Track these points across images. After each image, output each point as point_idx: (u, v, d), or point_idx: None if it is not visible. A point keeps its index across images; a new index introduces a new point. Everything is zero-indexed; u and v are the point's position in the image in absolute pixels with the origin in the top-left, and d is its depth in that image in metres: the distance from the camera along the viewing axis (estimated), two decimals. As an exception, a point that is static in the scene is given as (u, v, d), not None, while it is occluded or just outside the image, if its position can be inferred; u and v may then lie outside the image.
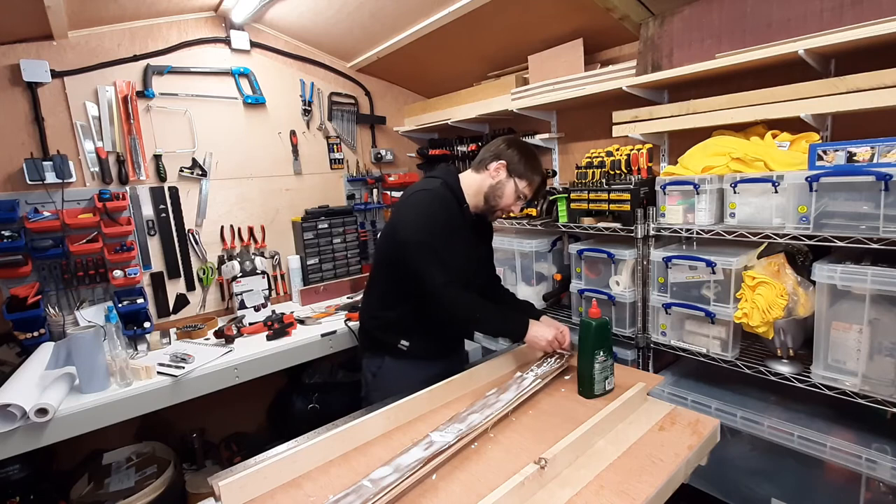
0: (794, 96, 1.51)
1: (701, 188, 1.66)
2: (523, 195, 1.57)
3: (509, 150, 1.55)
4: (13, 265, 2.00)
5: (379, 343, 1.64)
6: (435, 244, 1.44)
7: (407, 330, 1.60)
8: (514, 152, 1.55)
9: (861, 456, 1.37)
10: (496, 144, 1.58)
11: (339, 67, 3.04)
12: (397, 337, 1.60)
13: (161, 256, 2.50)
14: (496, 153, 1.56)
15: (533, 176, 1.56)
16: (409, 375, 1.54)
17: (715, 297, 1.68)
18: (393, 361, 1.61)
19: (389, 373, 1.61)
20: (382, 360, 1.62)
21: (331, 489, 1.00)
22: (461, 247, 1.54)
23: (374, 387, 1.63)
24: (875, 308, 1.34)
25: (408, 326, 1.60)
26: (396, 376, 1.58)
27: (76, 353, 1.71)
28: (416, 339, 1.60)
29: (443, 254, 1.45)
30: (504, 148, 1.56)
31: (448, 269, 1.45)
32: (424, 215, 1.47)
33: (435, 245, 1.44)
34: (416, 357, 1.60)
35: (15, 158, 2.09)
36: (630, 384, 1.30)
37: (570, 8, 2.02)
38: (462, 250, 1.55)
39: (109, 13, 2.22)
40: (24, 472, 1.89)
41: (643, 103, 1.99)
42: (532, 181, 1.56)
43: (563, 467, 1.02)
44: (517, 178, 1.55)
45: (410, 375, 1.54)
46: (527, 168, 1.55)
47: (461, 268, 1.52)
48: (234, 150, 2.69)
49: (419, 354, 1.60)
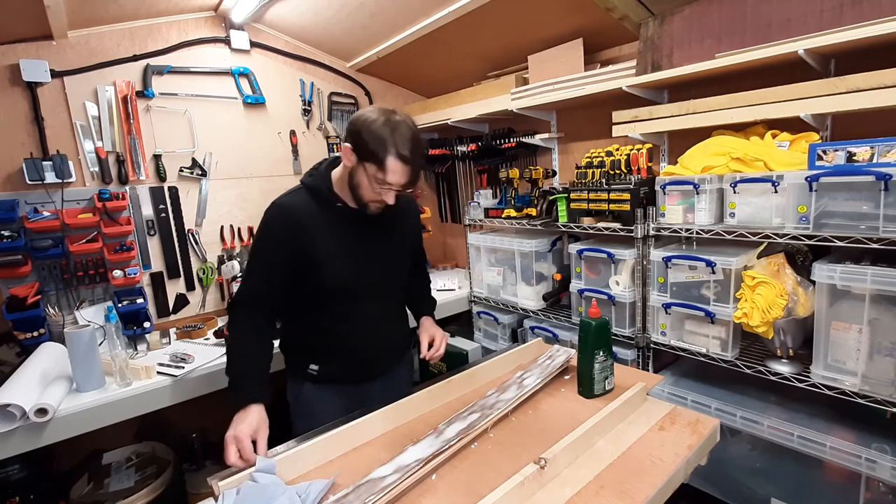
0: (793, 96, 1.51)
1: (701, 188, 1.66)
2: (379, 181, 1.23)
3: (355, 127, 1.22)
4: (13, 265, 2.00)
5: (293, 367, 1.49)
6: (251, 260, 1.38)
7: (312, 352, 1.44)
8: (360, 129, 1.21)
9: (861, 456, 1.37)
10: (348, 124, 1.28)
11: (338, 67, 3.04)
12: (306, 361, 1.44)
13: (161, 256, 2.50)
14: (345, 135, 1.27)
15: (381, 155, 1.19)
16: (327, 401, 1.40)
17: (715, 296, 1.68)
18: (311, 386, 1.45)
19: (307, 399, 1.44)
20: (301, 385, 1.46)
21: (331, 489, 1.00)
22: (334, 251, 1.35)
23: (296, 413, 1.49)
24: (875, 308, 1.34)
25: (312, 348, 1.45)
26: (316, 402, 1.42)
27: (72, 351, 1.71)
28: (324, 363, 1.44)
29: (252, 269, 1.37)
30: (351, 126, 1.24)
31: (248, 285, 1.36)
32: (256, 234, 1.39)
33: (250, 261, 1.38)
34: (331, 381, 1.45)
35: (15, 158, 2.09)
36: (630, 384, 1.30)
37: (570, 8, 2.02)
38: (339, 254, 1.36)
39: (109, 13, 2.22)
40: (24, 472, 1.89)
41: (643, 103, 1.99)
42: (381, 162, 1.20)
43: (563, 467, 1.02)
44: (366, 161, 1.22)
45: (329, 401, 1.40)
46: (373, 146, 1.19)
47: (340, 275, 1.36)
48: (234, 150, 2.68)
49: (334, 379, 1.45)
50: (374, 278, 1.43)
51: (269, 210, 1.37)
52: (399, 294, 1.60)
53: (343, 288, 1.38)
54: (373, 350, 1.49)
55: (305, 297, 1.41)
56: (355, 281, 1.39)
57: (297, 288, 1.40)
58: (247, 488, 0.99)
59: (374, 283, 1.43)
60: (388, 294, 1.52)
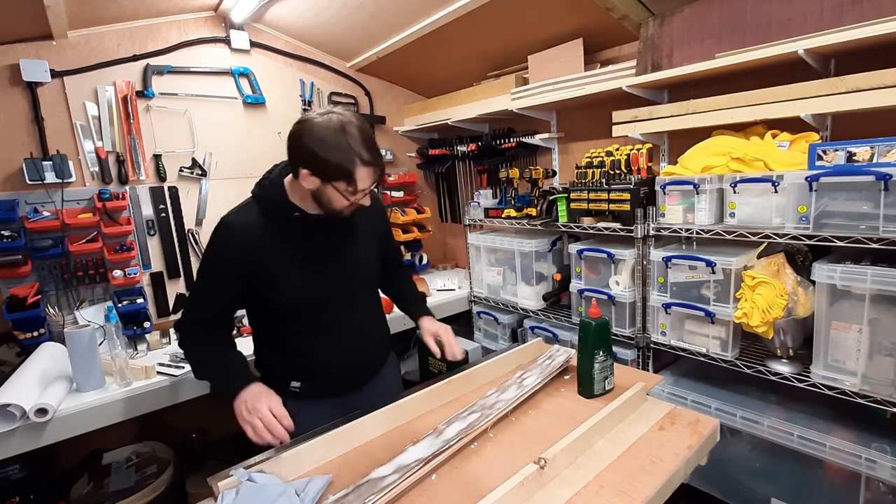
0: (793, 96, 1.51)
1: (701, 188, 1.66)
2: (351, 192, 1.21)
3: (307, 149, 1.17)
4: (13, 265, 2.00)
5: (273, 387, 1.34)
6: (197, 284, 1.33)
7: (290, 371, 1.38)
8: (314, 149, 1.16)
9: (861, 456, 1.38)
10: (290, 141, 1.21)
11: (338, 67, 3.04)
12: (286, 380, 1.38)
13: (161, 256, 2.50)
14: (296, 156, 1.20)
15: (350, 169, 1.16)
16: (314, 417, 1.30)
17: (715, 296, 1.68)
18: (295, 404, 1.31)
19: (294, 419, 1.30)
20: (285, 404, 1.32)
21: (330, 489, 1.00)
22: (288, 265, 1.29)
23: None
24: (875, 308, 1.34)
25: (288, 367, 1.39)
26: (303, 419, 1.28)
27: (72, 351, 1.71)
28: (304, 381, 1.39)
29: (198, 295, 1.33)
30: (300, 146, 1.18)
31: (194, 313, 1.32)
32: (203, 253, 1.35)
33: (196, 283, 1.34)
34: (316, 397, 1.39)
35: (15, 158, 2.09)
36: (630, 384, 1.30)
37: (570, 8, 2.02)
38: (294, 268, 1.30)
39: (109, 13, 2.22)
40: (24, 472, 1.89)
41: (643, 103, 1.99)
42: (350, 177, 1.17)
43: (563, 467, 1.02)
44: (332, 181, 1.19)
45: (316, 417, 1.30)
46: (337, 163, 1.16)
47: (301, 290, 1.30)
48: (234, 150, 2.68)
49: (317, 394, 1.39)
50: (341, 287, 1.37)
51: (215, 229, 1.28)
52: (373, 297, 1.53)
53: (307, 302, 1.32)
54: (351, 360, 1.43)
55: (270, 317, 1.36)
56: (319, 293, 1.33)
57: (258, 307, 1.36)
58: (246, 488, 0.98)
59: (340, 291, 1.37)
60: (358, 300, 1.43)
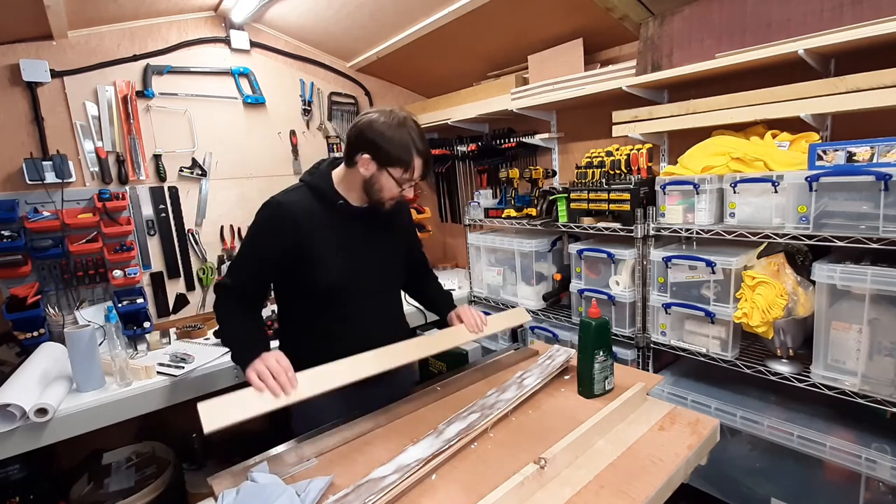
0: (794, 96, 1.51)
1: (701, 188, 1.66)
2: (405, 181, 1.33)
3: (369, 138, 1.29)
4: (13, 265, 2.00)
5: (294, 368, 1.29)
6: (242, 253, 1.39)
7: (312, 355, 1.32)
8: (375, 138, 1.28)
9: (861, 456, 1.38)
10: (353, 132, 1.33)
11: (338, 67, 3.04)
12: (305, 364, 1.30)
13: (161, 256, 2.50)
14: (356, 145, 1.31)
15: (407, 158, 1.29)
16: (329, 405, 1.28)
17: (715, 296, 1.68)
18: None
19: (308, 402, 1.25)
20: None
21: (331, 489, 1.00)
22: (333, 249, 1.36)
23: (297, 419, 1.40)
24: (875, 308, 1.34)
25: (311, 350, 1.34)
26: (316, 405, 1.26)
27: (72, 351, 1.71)
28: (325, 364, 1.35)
29: (242, 264, 1.37)
30: (362, 136, 1.30)
31: (237, 280, 1.35)
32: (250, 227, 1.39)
33: (241, 252, 1.39)
34: None
35: (15, 158, 2.09)
36: (630, 384, 1.30)
37: (570, 8, 2.02)
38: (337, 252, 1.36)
39: (109, 13, 2.22)
40: (24, 472, 1.89)
41: (643, 103, 1.99)
42: (408, 165, 1.30)
43: (563, 467, 1.02)
44: (389, 167, 1.30)
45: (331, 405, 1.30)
46: (397, 152, 1.28)
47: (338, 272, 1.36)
48: (234, 150, 2.68)
49: None
50: (373, 275, 1.43)
51: (265, 206, 1.37)
52: (397, 292, 1.58)
53: (341, 285, 1.37)
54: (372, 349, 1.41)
55: (302, 297, 1.40)
56: (353, 278, 1.38)
57: (293, 287, 1.40)
58: (246, 488, 0.98)
59: (372, 279, 1.43)
60: (385, 291, 1.51)
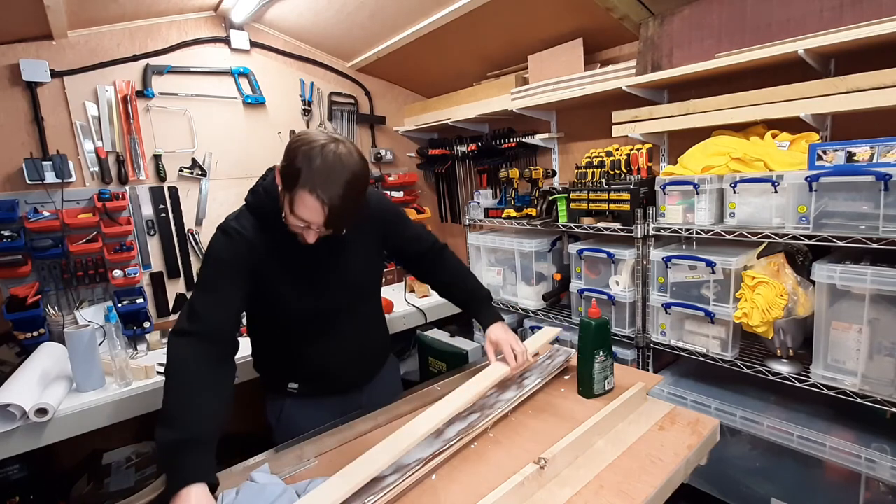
0: (793, 96, 1.51)
1: (701, 188, 1.66)
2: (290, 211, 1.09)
3: (291, 146, 1.09)
4: (13, 265, 2.00)
5: (270, 385, 1.39)
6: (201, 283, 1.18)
7: (288, 373, 1.34)
8: (293, 148, 1.08)
9: (861, 456, 1.38)
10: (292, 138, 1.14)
11: (338, 67, 3.03)
12: (284, 380, 1.34)
13: (161, 256, 2.50)
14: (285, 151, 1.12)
15: (294, 185, 1.05)
16: (312, 417, 1.29)
17: (715, 296, 1.68)
18: (293, 403, 1.35)
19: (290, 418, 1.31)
20: (283, 402, 1.37)
21: (331, 489, 1.00)
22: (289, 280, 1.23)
23: (280, 435, 1.34)
24: (875, 308, 1.34)
25: (287, 369, 1.34)
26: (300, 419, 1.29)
27: (72, 351, 1.71)
28: (302, 383, 1.35)
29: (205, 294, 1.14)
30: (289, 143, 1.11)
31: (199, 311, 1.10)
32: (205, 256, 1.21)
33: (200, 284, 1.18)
34: (314, 396, 1.36)
35: (14, 158, 2.09)
36: (630, 384, 1.30)
37: (570, 8, 2.02)
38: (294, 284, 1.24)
39: (109, 13, 2.22)
40: (24, 472, 1.89)
41: (643, 103, 1.99)
42: (293, 192, 1.06)
43: (563, 467, 1.02)
44: (284, 189, 1.09)
45: (314, 417, 1.29)
46: (293, 173, 1.05)
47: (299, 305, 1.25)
48: (234, 150, 2.68)
49: (316, 394, 1.36)
50: (336, 299, 1.30)
51: (214, 236, 1.20)
52: (371, 304, 1.47)
53: (303, 313, 1.27)
54: (350, 364, 1.39)
55: (267, 322, 1.34)
56: (315, 305, 1.27)
57: (256, 313, 1.33)
58: (246, 488, 0.99)
59: (336, 303, 1.31)
60: (356, 309, 1.37)
